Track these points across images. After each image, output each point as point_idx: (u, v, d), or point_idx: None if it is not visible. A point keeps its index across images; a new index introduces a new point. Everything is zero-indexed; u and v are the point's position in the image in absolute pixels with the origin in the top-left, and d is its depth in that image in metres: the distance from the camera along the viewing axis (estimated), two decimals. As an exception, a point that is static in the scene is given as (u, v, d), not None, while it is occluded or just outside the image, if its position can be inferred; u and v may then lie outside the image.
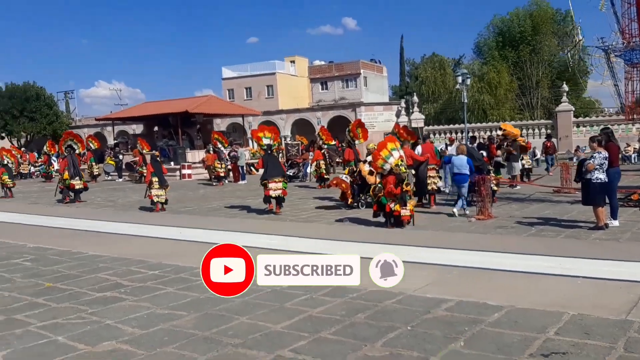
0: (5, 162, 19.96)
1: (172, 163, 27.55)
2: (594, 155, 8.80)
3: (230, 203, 15.72)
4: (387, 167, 10.00)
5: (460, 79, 29.56)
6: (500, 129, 15.65)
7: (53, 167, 30.08)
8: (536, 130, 35.19)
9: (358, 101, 47.15)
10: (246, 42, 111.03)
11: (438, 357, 4.12)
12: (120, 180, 27.16)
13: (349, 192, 13.27)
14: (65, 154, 17.48)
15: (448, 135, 33.71)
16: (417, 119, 35.30)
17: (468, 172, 11.03)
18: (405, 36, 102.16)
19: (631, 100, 12.91)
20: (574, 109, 34.47)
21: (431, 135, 29.80)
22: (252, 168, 26.77)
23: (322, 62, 58.98)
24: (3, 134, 47.01)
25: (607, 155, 8.81)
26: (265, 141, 13.73)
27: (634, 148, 29.17)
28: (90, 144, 30.45)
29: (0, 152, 21.49)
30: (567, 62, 48.18)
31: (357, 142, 16.56)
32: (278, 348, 4.39)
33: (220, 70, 58.27)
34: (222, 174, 23.51)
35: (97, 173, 27.36)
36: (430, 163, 12.94)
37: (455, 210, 11.29)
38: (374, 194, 10.37)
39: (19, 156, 32.30)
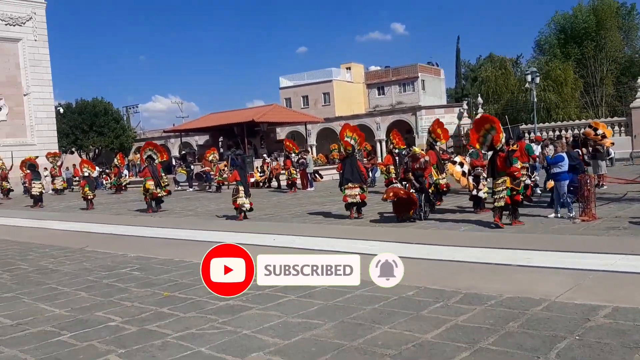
0: (87, 174, 20.52)
1: (241, 172, 27.75)
2: None
3: (310, 210, 15.60)
4: (489, 138, 9.85)
5: (529, 78, 28.70)
6: (591, 126, 14.93)
7: (124, 179, 31.01)
8: (609, 128, 33.58)
9: (417, 105, 46.60)
10: (296, 52, 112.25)
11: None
12: (191, 190, 27.58)
13: (410, 196, 11.48)
14: (146, 164, 17.81)
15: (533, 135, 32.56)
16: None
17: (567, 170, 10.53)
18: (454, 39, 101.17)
19: None
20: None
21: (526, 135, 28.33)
22: (317, 175, 26.73)
23: (378, 68, 58.69)
24: (73, 149, 48.88)
25: None
26: (351, 142, 13.40)
27: None
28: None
29: (81, 164, 22.14)
30: None
31: (438, 143, 16.16)
32: (442, 360, 4.13)
33: (273, 81, 59.96)
34: (296, 181, 23.52)
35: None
36: (524, 161, 12.41)
37: (559, 214, 10.73)
38: (505, 188, 10.05)
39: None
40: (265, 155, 29.77)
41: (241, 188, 14.25)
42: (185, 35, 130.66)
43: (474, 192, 11.89)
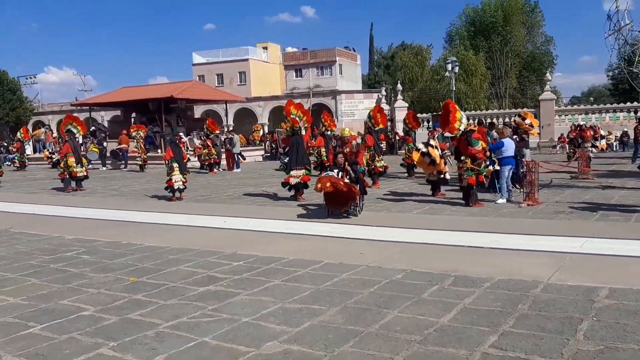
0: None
1: (159, 151, 26.52)
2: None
3: (246, 191, 15.13)
4: (463, 127, 9.97)
5: (449, 67, 29.60)
6: (520, 115, 15.57)
7: (26, 155, 28.69)
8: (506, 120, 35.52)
9: (335, 89, 46.78)
10: (203, 29, 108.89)
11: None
12: (104, 168, 25.98)
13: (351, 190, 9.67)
14: (67, 139, 16.44)
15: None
16: (401, 107, 35.13)
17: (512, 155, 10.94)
18: (367, 26, 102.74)
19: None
20: (556, 97, 35.00)
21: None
22: (240, 156, 26.09)
23: (295, 49, 58.19)
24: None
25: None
26: (294, 117, 13.00)
27: (616, 136, 29.88)
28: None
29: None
30: (607, 48, 48.79)
31: (376, 128, 16.27)
32: (474, 345, 4.01)
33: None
34: (217, 161, 22.76)
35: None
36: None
37: (502, 199, 11.09)
38: (466, 169, 10.29)
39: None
40: (182, 133, 28.57)
41: (176, 165, 13.56)
42: (83, 5, 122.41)
43: (441, 176, 11.98)
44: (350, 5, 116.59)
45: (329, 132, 20.78)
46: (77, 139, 16.57)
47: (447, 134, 13.09)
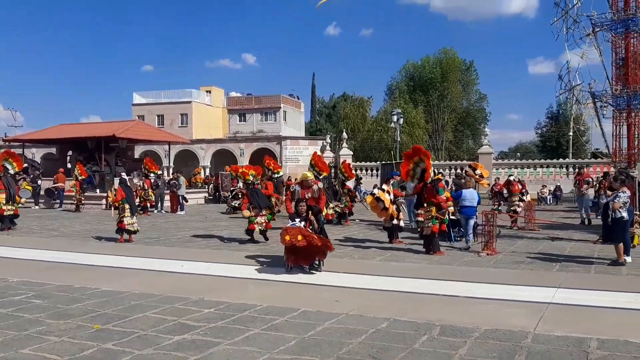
0: None
1: (97, 190, 25.42)
2: (619, 194, 9.14)
3: (195, 233, 14.67)
4: (419, 170, 10.09)
5: (395, 118, 30.44)
6: (471, 166, 16.10)
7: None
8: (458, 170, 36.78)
9: (278, 134, 47.00)
10: (141, 70, 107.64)
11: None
12: (37, 207, 24.58)
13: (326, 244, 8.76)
14: (1, 175, 15.43)
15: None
16: (346, 155, 35.57)
17: (476, 205, 11.14)
18: (309, 75, 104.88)
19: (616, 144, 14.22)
20: (493, 151, 36.55)
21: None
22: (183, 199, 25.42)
23: (239, 94, 58.36)
24: None
25: (629, 195, 9.18)
26: (252, 179, 13.40)
27: (549, 190, 31.33)
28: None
29: None
30: (560, 106, 51.38)
31: (322, 175, 16.46)
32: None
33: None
34: (152, 203, 22.03)
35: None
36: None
37: (468, 244, 11.28)
38: (431, 217, 10.37)
39: None
40: (123, 174, 27.62)
41: (127, 206, 13.01)
42: (14, 34, 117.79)
43: (394, 222, 12.00)
44: (290, 55, 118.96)
45: (275, 175, 20.74)
46: (9, 176, 15.59)
47: (403, 183, 13.26)
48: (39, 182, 25.54)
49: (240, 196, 22.84)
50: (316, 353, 4.88)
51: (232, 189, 26.22)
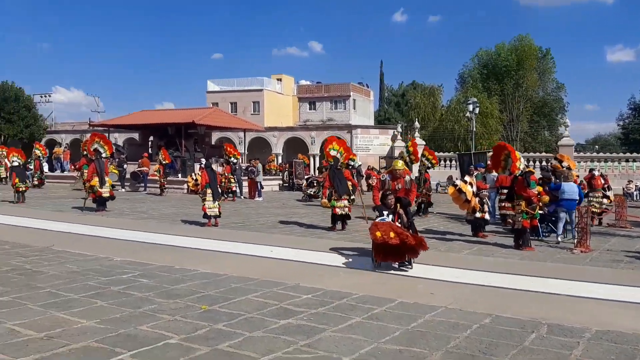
0: (17, 163, 18.42)
1: (179, 175, 26.36)
2: None
3: (277, 219, 14.96)
4: (522, 167, 9.89)
5: (470, 107, 29.71)
6: (557, 158, 15.48)
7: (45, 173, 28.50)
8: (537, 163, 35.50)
9: (348, 123, 46.95)
10: (210, 58, 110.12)
11: None
12: (124, 190, 25.77)
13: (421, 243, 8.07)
14: (93, 159, 16.26)
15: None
16: (420, 145, 35.02)
17: (578, 199, 10.80)
18: (377, 63, 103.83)
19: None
20: (574, 143, 35.00)
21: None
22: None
23: (309, 82, 58.69)
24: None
25: None
26: (333, 153, 13.22)
27: (636, 185, 29.72)
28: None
29: (9, 153, 19.85)
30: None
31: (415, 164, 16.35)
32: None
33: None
34: (234, 189, 22.50)
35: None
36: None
37: (557, 238, 10.96)
38: (521, 212, 10.09)
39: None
40: (203, 159, 28.47)
41: (209, 191, 13.40)
42: (95, 29, 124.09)
43: (477, 215, 11.77)
44: (357, 42, 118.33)
45: (232, 160, 22.56)
46: (101, 160, 16.37)
47: (493, 174, 12.97)
48: (125, 166, 26.70)
49: (315, 184, 23.20)
50: (424, 345, 4.87)
51: (306, 176, 26.57)
